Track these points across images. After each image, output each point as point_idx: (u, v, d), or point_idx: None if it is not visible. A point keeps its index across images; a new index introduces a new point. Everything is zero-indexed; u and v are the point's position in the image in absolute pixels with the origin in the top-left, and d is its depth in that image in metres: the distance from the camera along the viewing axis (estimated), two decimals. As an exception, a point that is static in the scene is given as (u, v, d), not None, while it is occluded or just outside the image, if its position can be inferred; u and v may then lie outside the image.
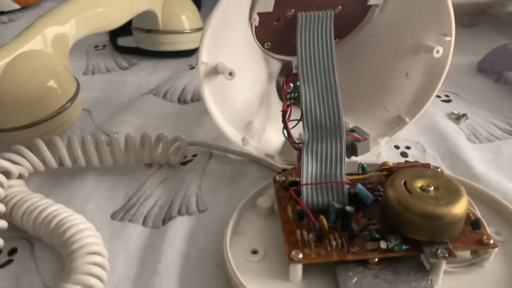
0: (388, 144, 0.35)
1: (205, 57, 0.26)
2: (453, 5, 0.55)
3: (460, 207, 0.23)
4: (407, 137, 0.36)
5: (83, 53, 0.52)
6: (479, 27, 0.57)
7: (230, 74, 0.26)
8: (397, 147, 0.35)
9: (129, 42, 0.52)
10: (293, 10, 0.29)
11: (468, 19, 0.58)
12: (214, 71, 0.27)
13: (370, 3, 0.30)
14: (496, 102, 0.40)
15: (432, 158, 0.33)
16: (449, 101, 0.41)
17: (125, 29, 0.48)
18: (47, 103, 0.33)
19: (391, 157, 0.34)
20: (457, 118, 0.38)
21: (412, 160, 0.33)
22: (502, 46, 0.44)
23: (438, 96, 0.41)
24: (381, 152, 0.34)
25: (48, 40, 0.34)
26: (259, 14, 0.28)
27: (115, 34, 0.53)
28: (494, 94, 0.42)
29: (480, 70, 0.46)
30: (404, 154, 0.34)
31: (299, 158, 0.27)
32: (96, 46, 0.54)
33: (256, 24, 0.29)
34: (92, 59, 0.51)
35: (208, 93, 0.27)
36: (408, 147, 0.35)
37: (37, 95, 0.32)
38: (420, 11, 0.30)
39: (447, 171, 0.32)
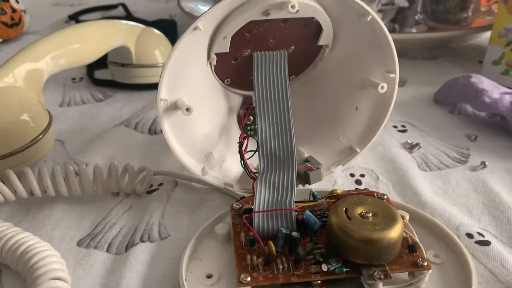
0: (344, 173, 0.37)
1: (164, 94, 0.28)
2: (416, 39, 0.59)
3: (394, 232, 0.25)
4: (362, 165, 0.38)
5: (60, 85, 0.54)
6: (439, 59, 0.60)
7: (187, 110, 0.28)
8: (352, 175, 0.37)
9: (105, 75, 0.54)
10: (249, 50, 0.31)
11: (429, 52, 0.62)
12: (174, 107, 0.29)
13: (320, 43, 0.33)
14: (449, 132, 0.43)
15: (385, 186, 0.36)
16: (405, 131, 0.43)
17: (102, 62, 0.50)
18: (19, 135, 0.34)
19: (346, 185, 0.36)
20: (411, 147, 0.40)
21: (364, 188, 0.35)
22: (455, 80, 0.47)
23: (394, 126, 0.44)
24: (337, 180, 0.36)
25: (22, 76, 0.37)
26: (216, 54, 0.30)
27: (92, 67, 0.55)
28: (447, 124, 0.44)
29: (436, 101, 0.49)
30: (358, 182, 0.36)
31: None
32: (73, 79, 0.56)
33: (215, 63, 0.31)
34: (69, 91, 0.53)
35: (168, 127, 0.29)
36: (362, 175, 0.37)
37: (10, 128, 0.34)
38: (366, 50, 0.32)
39: (397, 198, 0.34)
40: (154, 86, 0.51)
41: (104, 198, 0.35)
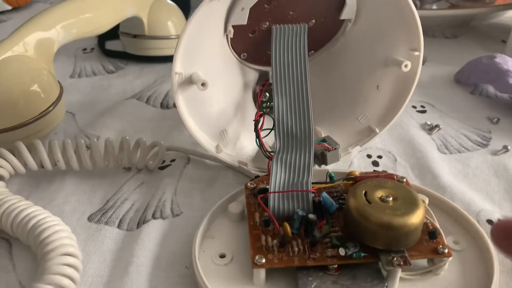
0: (361, 153, 0.36)
1: (179, 68, 0.27)
2: (437, 17, 0.57)
3: (416, 218, 0.24)
4: (380, 146, 0.37)
5: (71, 56, 0.53)
6: (460, 38, 0.58)
7: (203, 84, 0.27)
8: (369, 156, 0.36)
9: (116, 46, 0.53)
10: (267, 23, 0.30)
11: (451, 31, 0.60)
12: (189, 81, 0.28)
13: (342, 17, 0.31)
14: (470, 113, 0.42)
15: (402, 168, 0.35)
16: (424, 111, 0.42)
17: (113, 33, 0.49)
18: (30, 106, 0.34)
19: (363, 166, 0.35)
20: (430, 128, 0.39)
21: (382, 170, 0.34)
22: (477, 59, 0.45)
23: (413, 107, 0.42)
24: (353, 161, 0.35)
25: (32, 45, 0.35)
26: (233, 26, 0.29)
27: (103, 37, 0.54)
28: (468, 106, 0.43)
29: (457, 81, 0.47)
30: (375, 163, 0.35)
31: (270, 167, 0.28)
32: (85, 49, 0.55)
33: (231, 36, 0.30)
34: (80, 62, 0.52)
35: (182, 102, 0.28)
36: (380, 157, 0.36)
37: (21, 98, 0.33)
38: (390, 26, 0.31)
39: (416, 181, 0.33)
40: (166, 59, 0.50)
41: (116, 173, 0.34)
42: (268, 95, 0.34)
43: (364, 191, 0.25)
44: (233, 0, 0.28)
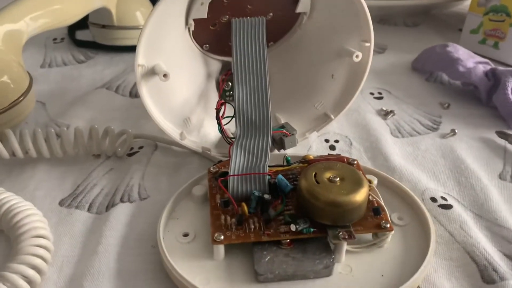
0: (319, 138, 0.38)
1: (142, 60, 0.29)
2: (399, 6, 0.59)
3: (359, 196, 0.26)
4: (337, 131, 0.39)
5: (41, 46, 0.54)
6: (420, 26, 0.61)
7: (165, 75, 0.29)
8: (327, 140, 0.38)
9: (87, 35, 0.54)
10: (227, 16, 0.32)
11: (411, 19, 0.62)
12: (151, 72, 0.30)
13: (298, 11, 0.33)
14: (423, 99, 0.44)
15: (357, 151, 0.37)
16: (381, 98, 0.44)
17: (84, 22, 0.50)
18: (0, 97, 0.35)
19: (321, 150, 0.37)
20: (385, 114, 0.42)
21: (337, 153, 0.36)
22: (431, 48, 0.47)
23: (371, 93, 0.45)
24: (312, 145, 0.37)
25: (1, 37, 0.36)
26: (194, 20, 0.31)
27: (73, 27, 0.55)
28: (423, 92, 0.45)
29: (413, 69, 0.50)
30: (332, 147, 0.37)
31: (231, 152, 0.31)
32: (55, 39, 0.55)
33: (193, 29, 0.31)
34: (50, 52, 0.53)
35: (146, 92, 0.30)
36: (337, 141, 0.38)
37: (-10, 90, 0.34)
38: (343, 19, 0.33)
39: (368, 163, 0.36)
40: (135, 48, 0.51)
41: (85, 160, 0.36)
42: (230, 84, 0.35)
43: (314, 173, 0.27)
44: (192, -5, 0.30)
